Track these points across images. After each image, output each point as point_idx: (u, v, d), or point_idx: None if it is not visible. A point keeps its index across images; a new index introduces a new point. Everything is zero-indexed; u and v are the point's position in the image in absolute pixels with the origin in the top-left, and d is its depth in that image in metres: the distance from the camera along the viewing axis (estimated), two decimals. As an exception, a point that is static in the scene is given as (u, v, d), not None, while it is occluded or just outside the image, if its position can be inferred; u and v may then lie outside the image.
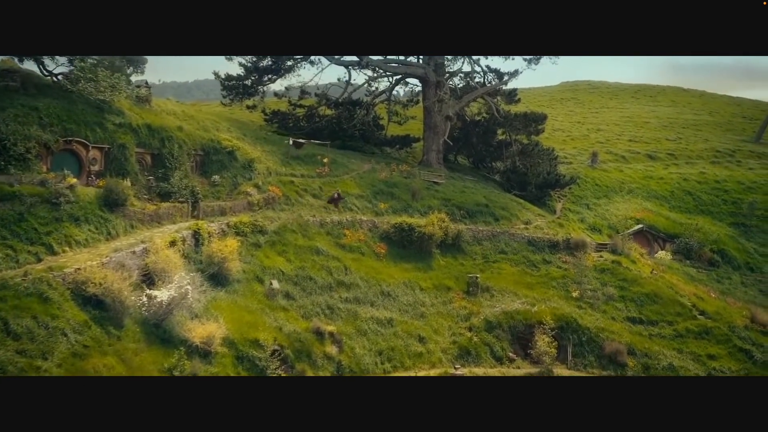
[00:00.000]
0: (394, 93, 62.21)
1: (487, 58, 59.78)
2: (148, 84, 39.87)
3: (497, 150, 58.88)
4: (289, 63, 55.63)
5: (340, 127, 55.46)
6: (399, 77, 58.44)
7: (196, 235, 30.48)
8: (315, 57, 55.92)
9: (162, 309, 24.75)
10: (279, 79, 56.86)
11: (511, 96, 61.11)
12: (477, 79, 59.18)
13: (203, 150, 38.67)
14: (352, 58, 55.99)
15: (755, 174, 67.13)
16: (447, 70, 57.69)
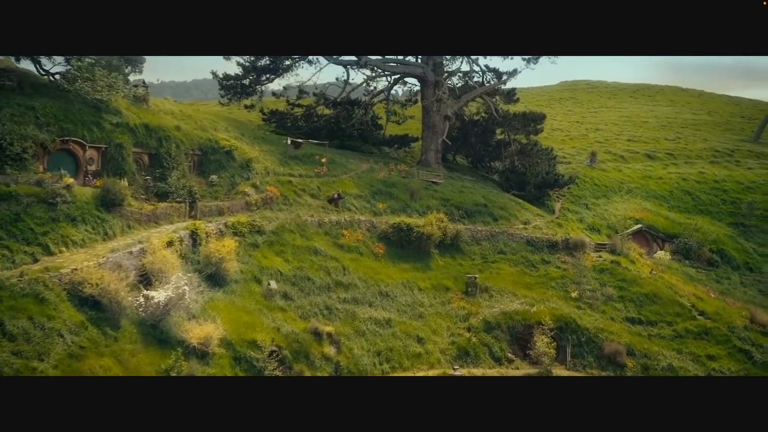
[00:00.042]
0: (392, 92, 62.18)
1: (486, 57, 59.74)
2: (145, 83, 39.74)
3: (496, 150, 58.82)
4: (288, 62, 55.49)
5: (338, 127, 55.36)
6: (397, 77, 58.31)
7: (193, 236, 30.37)
8: (313, 56, 55.85)
9: (159, 310, 24.63)
10: (277, 79, 56.84)
11: (510, 95, 61.05)
12: (476, 79, 59.09)
13: (201, 150, 38.55)
14: (350, 57, 55.88)
15: (754, 174, 67.15)
16: (445, 69, 57.56)
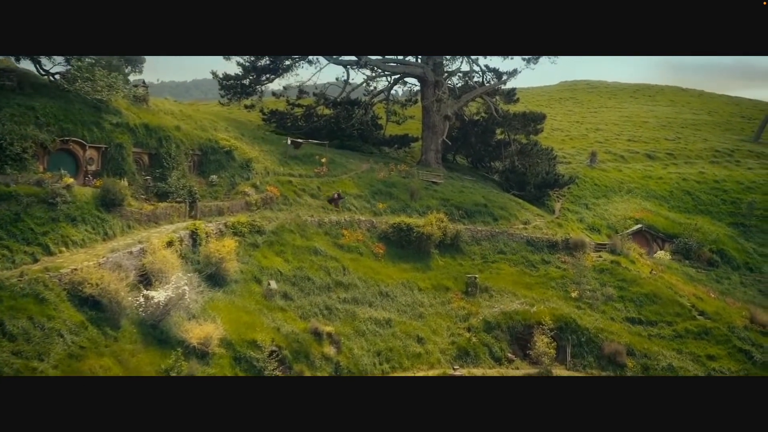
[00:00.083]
0: (392, 92, 62.14)
1: (486, 57, 59.71)
2: (145, 83, 39.72)
3: (496, 150, 58.79)
4: (288, 62, 55.46)
5: (338, 127, 55.33)
6: (397, 77, 58.28)
7: (193, 236, 30.36)
8: (313, 56, 55.83)
9: (159, 310, 24.61)
10: (277, 79, 56.80)
11: (510, 95, 61.03)
12: (476, 79, 59.07)
13: (201, 150, 38.53)
14: (350, 57, 55.87)
15: (754, 174, 67.11)
16: (446, 69, 57.52)
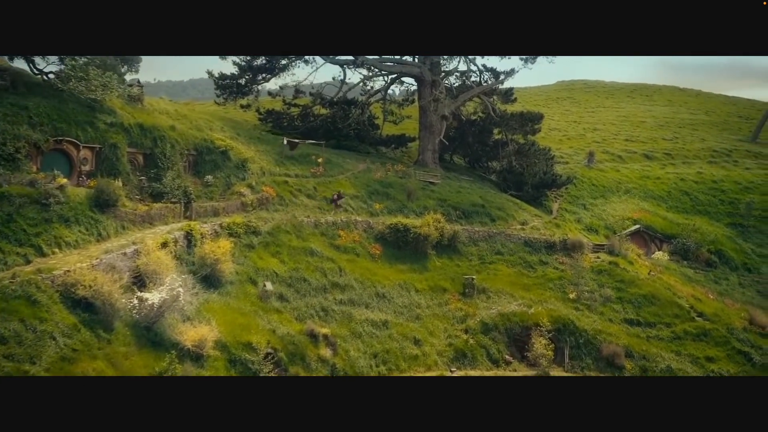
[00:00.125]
0: (389, 92, 61.85)
1: (483, 57, 59.53)
2: (140, 83, 39.43)
3: (493, 150, 58.64)
4: (284, 62, 55.20)
5: (335, 127, 55.09)
6: (394, 76, 58.09)
7: (188, 236, 30.11)
8: (310, 56, 55.57)
9: (153, 312, 24.36)
10: (273, 78, 56.51)
11: (508, 95, 60.88)
12: (473, 79, 58.89)
13: (196, 150, 38.26)
14: (347, 57, 55.66)
15: (752, 174, 67.00)
16: (443, 69, 57.34)
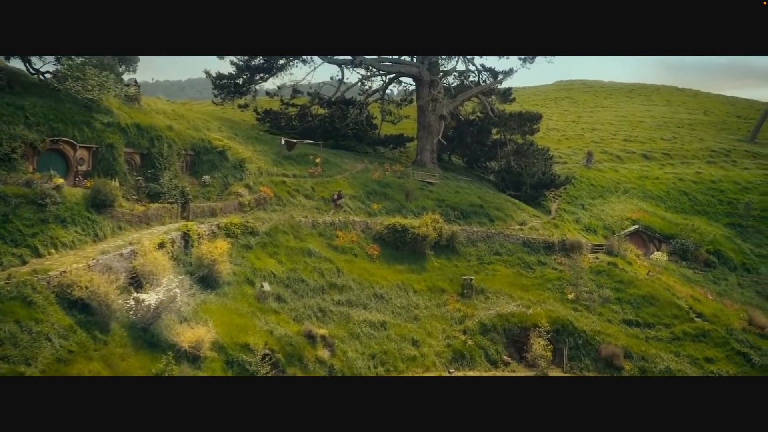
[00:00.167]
0: (387, 92, 61.82)
1: (482, 57, 59.46)
2: (137, 83, 39.27)
3: (492, 150, 58.58)
4: (282, 62, 55.06)
5: (332, 127, 54.99)
6: (392, 76, 57.98)
7: (185, 237, 29.97)
8: (307, 56, 55.41)
9: (150, 313, 24.21)
10: (271, 78, 56.35)
11: (506, 95, 60.79)
12: (471, 78, 58.77)
13: (193, 150, 38.10)
14: (345, 57, 55.51)
15: (751, 174, 66.99)
16: (441, 69, 57.26)
